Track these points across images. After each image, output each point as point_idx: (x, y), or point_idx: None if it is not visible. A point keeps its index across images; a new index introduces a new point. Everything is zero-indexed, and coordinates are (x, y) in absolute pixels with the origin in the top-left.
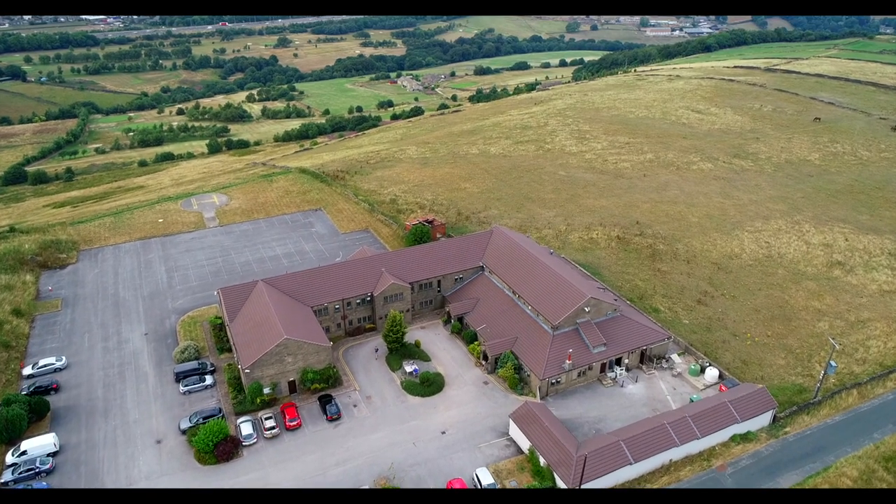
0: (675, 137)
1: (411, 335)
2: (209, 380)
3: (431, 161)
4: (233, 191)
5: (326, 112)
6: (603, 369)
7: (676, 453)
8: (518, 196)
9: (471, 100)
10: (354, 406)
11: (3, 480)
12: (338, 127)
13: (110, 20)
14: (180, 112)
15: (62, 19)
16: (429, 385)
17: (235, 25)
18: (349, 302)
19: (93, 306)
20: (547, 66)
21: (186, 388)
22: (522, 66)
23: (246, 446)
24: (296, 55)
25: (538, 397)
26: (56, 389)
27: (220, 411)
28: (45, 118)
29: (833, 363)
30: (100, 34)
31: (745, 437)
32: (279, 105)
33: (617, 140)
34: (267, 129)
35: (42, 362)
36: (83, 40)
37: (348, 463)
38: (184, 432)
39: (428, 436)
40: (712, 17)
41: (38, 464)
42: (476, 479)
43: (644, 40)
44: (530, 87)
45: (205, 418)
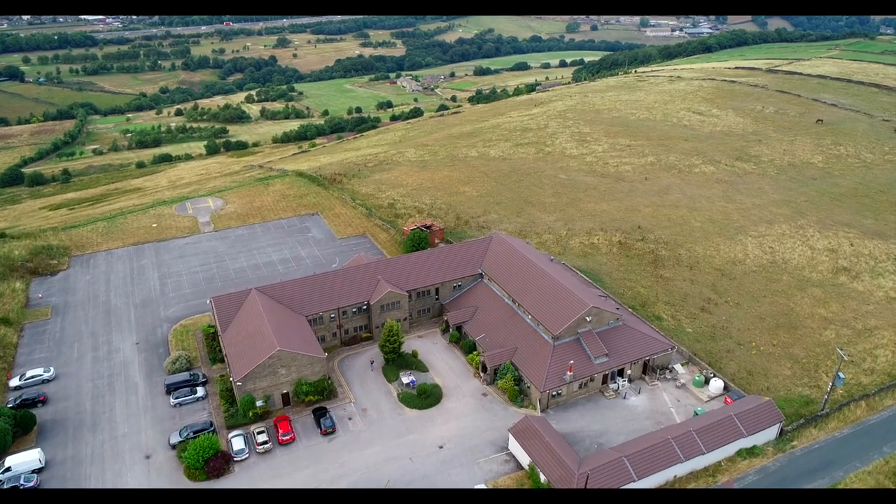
0: (676, 140)
1: (408, 345)
2: (201, 392)
3: (430, 164)
4: (228, 194)
5: (325, 113)
6: (605, 381)
7: (681, 469)
8: (518, 200)
9: (470, 100)
10: (349, 419)
11: None
12: (337, 128)
13: (109, 20)
14: (179, 113)
15: (61, 19)
16: (426, 397)
17: (234, 25)
18: (345, 311)
19: (83, 314)
20: (547, 66)
21: (177, 401)
22: (522, 67)
23: (237, 462)
24: (295, 55)
25: (538, 410)
26: (43, 402)
27: (212, 425)
28: (42, 119)
29: (841, 375)
30: (98, 34)
31: (752, 452)
32: (278, 106)
33: (618, 142)
34: (266, 130)
35: (30, 373)
36: (82, 40)
37: (342, 479)
38: (174, 447)
39: (425, 451)
40: (712, 18)
41: (23, 481)
42: None
43: (644, 40)
44: (530, 87)
45: (195, 432)
